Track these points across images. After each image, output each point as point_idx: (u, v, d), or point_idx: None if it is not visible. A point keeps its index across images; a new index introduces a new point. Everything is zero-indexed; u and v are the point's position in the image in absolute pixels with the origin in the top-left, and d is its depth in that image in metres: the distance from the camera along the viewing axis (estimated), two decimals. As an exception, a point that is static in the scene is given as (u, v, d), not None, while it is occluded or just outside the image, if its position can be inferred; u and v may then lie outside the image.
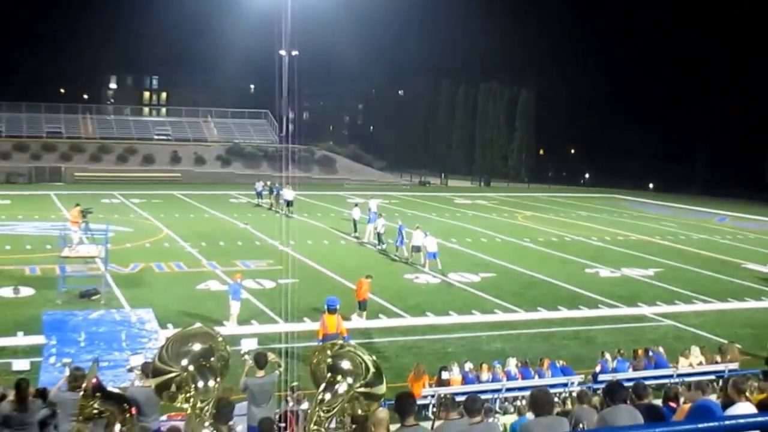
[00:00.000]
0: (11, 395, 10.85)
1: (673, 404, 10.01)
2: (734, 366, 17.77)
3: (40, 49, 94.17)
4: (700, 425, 3.79)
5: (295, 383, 13.62)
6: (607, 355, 17.94)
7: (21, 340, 19.76)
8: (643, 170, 77.53)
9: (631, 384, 9.26)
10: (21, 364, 13.17)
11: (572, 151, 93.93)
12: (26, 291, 24.71)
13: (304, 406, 12.06)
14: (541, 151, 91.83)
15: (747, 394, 8.14)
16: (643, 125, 78.43)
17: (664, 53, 77.69)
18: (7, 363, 15.04)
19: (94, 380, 9.13)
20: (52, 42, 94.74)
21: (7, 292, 24.53)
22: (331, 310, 18.90)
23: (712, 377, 16.62)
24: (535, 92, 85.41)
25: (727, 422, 3.90)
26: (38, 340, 19.48)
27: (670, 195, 67.46)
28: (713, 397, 9.52)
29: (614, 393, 7.90)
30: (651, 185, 76.66)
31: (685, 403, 9.72)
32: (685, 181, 73.31)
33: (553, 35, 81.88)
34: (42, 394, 11.40)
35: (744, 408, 7.52)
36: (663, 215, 52.71)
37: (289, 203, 45.23)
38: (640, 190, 71.62)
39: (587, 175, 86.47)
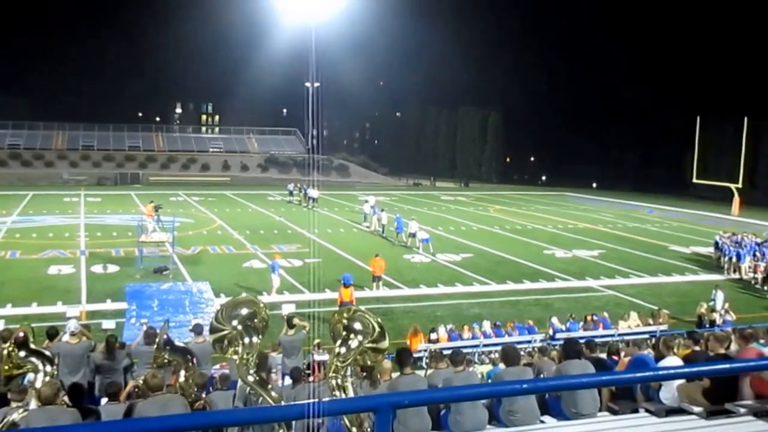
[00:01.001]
0: (101, 347, 10.79)
1: (615, 357, 9.91)
2: (664, 327, 17.67)
3: (123, 81, 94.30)
4: (636, 375, 3.68)
5: (318, 340, 13.53)
6: (554, 319, 17.85)
7: (109, 305, 19.77)
8: (587, 172, 77.44)
9: (583, 341, 9.17)
10: (109, 324, 13.13)
11: (532, 158, 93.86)
12: (112, 268, 24.73)
13: (325, 357, 11.96)
14: (508, 159, 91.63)
15: (675, 350, 8.05)
16: (587, 137, 78.34)
17: (601, 81, 77.63)
18: (98, 323, 15.01)
19: (164, 336, 9.08)
20: (133, 76, 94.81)
21: (98, 269, 24.56)
22: (347, 284, 18.88)
23: (646, 336, 16.49)
24: (501, 113, 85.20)
25: (660, 372, 3.78)
26: (122, 305, 19.45)
27: (609, 191, 67.25)
28: (647, 352, 9.41)
29: (570, 348, 7.80)
30: (594, 184, 76.47)
31: (625, 356, 9.61)
32: (620, 180, 73.16)
33: (515, 69, 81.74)
34: (124, 346, 11.34)
35: (672, 361, 7.44)
36: (603, 208, 52.49)
37: (314, 200, 45.29)
38: (585, 188, 71.39)
39: (544, 177, 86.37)
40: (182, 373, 8.64)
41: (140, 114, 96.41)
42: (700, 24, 67.54)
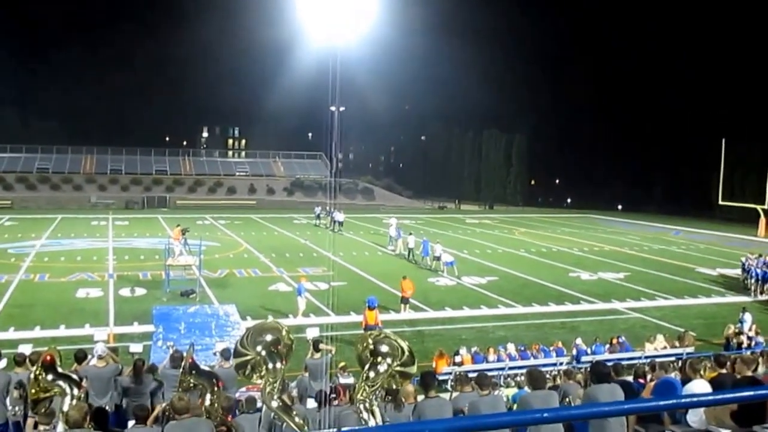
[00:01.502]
0: (129, 371, 10.87)
1: (641, 380, 9.79)
2: (690, 350, 17.44)
3: (150, 106, 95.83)
4: (662, 402, 3.65)
5: (343, 363, 13.51)
6: (579, 341, 17.68)
7: (136, 328, 19.91)
8: (613, 195, 76.78)
9: (611, 364, 9.09)
10: (136, 347, 13.19)
11: (557, 181, 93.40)
12: (140, 291, 24.94)
13: (350, 380, 11.94)
14: (533, 182, 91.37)
15: (701, 372, 7.95)
16: (612, 159, 78.13)
17: (627, 103, 77.43)
18: (126, 345, 15.12)
19: (190, 360, 9.13)
20: (160, 100, 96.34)
21: (126, 292, 24.76)
22: (372, 307, 18.88)
23: (673, 359, 16.28)
24: (527, 136, 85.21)
25: (687, 400, 3.76)
26: (149, 328, 19.62)
27: (635, 214, 66.60)
28: (674, 375, 9.30)
29: (598, 371, 7.73)
30: (620, 206, 75.81)
31: (651, 380, 9.50)
32: (647, 202, 72.46)
33: (539, 91, 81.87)
34: (152, 370, 11.41)
35: (699, 384, 7.34)
36: (629, 230, 52.02)
37: (339, 223, 45.41)
38: (611, 211, 70.85)
39: (569, 200, 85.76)
40: (208, 396, 8.69)
41: (167, 138, 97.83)
42: (726, 47, 67.27)
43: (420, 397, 8.37)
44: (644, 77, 75.28)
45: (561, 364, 16.14)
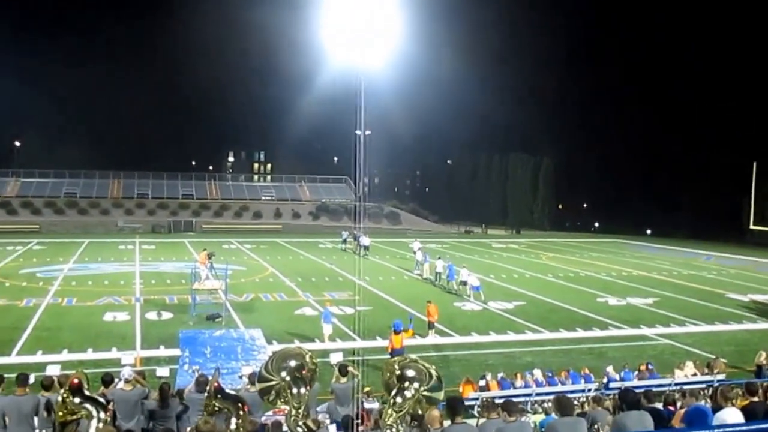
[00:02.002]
0: (155, 395, 10.96)
1: (671, 408, 9.67)
2: (721, 377, 17.13)
3: (177, 131, 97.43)
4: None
5: (368, 387, 13.49)
6: (609, 368, 17.46)
7: (162, 351, 20.07)
8: (642, 219, 75.86)
9: (641, 391, 9.00)
10: (162, 371, 13.29)
11: (584, 205, 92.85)
12: (167, 315, 25.14)
13: (375, 405, 11.90)
14: (560, 206, 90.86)
15: (733, 401, 7.85)
16: (641, 183, 77.46)
17: (656, 127, 77.05)
18: (152, 369, 15.22)
19: (215, 384, 9.19)
20: (187, 126, 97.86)
21: (152, 315, 24.99)
22: (397, 331, 18.85)
23: (703, 386, 16.01)
24: (553, 160, 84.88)
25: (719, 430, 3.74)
26: (175, 352, 19.75)
27: (664, 239, 65.92)
28: (704, 403, 9.18)
29: (627, 398, 7.65)
30: (648, 231, 74.98)
31: (681, 407, 9.38)
32: (676, 227, 71.55)
33: (567, 115, 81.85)
34: (178, 394, 11.49)
35: (731, 412, 7.25)
36: (658, 255, 51.45)
37: (365, 248, 45.50)
38: (639, 235, 70.14)
39: (597, 224, 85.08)
40: (233, 420, 8.73)
41: (194, 162, 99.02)
42: (756, 68, 66.74)
43: (446, 423, 8.34)
44: (674, 100, 74.79)
45: (589, 390, 15.95)
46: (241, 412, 8.49)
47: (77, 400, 7.49)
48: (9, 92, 74.07)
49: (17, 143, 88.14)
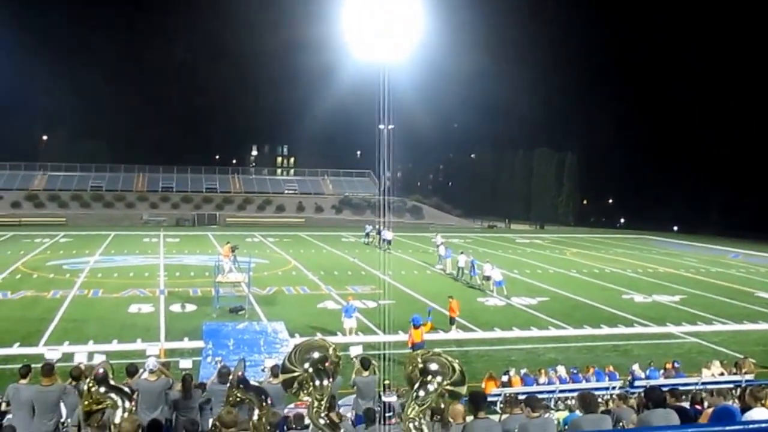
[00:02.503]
0: (179, 386, 11.05)
1: (698, 407, 9.55)
2: (750, 377, 16.90)
3: (201, 125, 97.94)
4: (727, 428, 3.56)
5: (387, 381, 13.47)
6: (635, 366, 17.30)
7: (186, 343, 20.26)
8: (669, 215, 74.87)
9: (667, 389, 8.90)
10: (185, 363, 13.38)
11: (609, 200, 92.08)
12: (190, 307, 25.35)
13: (393, 398, 11.86)
14: (585, 201, 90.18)
15: (763, 401, 7.74)
16: (668, 179, 76.51)
17: (683, 121, 76.05)
18: (176, 361, 15.35)
19: (239, 374, 9.23)
20: (210, 120, 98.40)
21: (176, 308, 25.22)
22: (416, 325, 18.88)
23: (731, 386, 15.78)
24: (578, 154, 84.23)
25: (751, 426, 3.67)
26: (199, 344, 19.91)
27: (691, 235, 65.04)
28: (732, 403, 9.06)
29: (653, 396, 7.58)
30: (675, 228, 74.10)
31: (709, 407, 9.27)
32: (704, 224, 70.67)
33: (592, 109, 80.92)
34: (201, 385, 11.58)
35: (760, 412, 7.15)
36: (685, 252, 50.87)
37: (388, 242, 45.47)
38: (666, 232, 69.28)
39: (622, 220, 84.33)
40: (255, 412, 8.77)
41: (217, 156, 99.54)
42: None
43: (469, 418, 8.32)
44: (702, 94, 73.77)
45: (613, 388, 15.82)
46: (263, 404, 8.53)
47: (102, 389, 7.57)
48: (37, 87, 75.23)
49: (45, 137, 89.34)
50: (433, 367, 5.36)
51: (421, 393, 5.28)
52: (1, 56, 64.35)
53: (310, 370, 5.35)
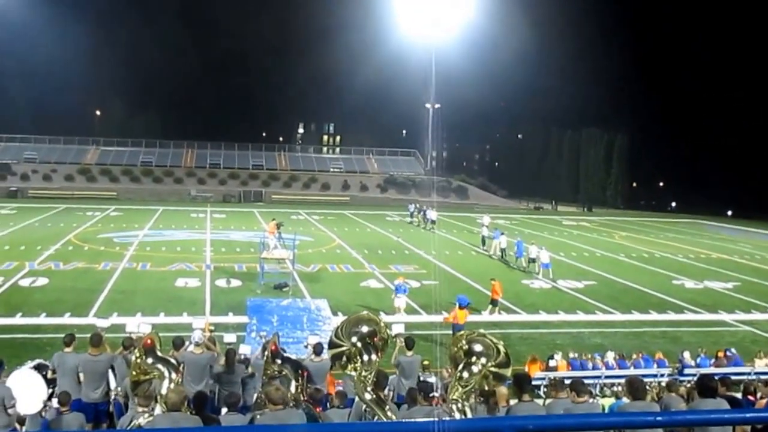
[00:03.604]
0: (222, 360, 11.18)
1: (751, 398, 9.29)
2: (807, 369, 16.39)
3: (248, 102, 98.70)
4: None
5: (426, 361, 13.41)
6: (686, 354, 16.94)
7: (231, 318, 20.51)
8: (723, 199, 72.90)
9: (718, 378, 8.67)
10: (230, 337, 13.52)
11: (660, 183, 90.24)
12: (235, 282, 25.64)
13: (431, 379, 11.79)
14: (634, 184, 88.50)
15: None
16: (721, 161, 74.50)
17: (738, 101, 73.85)
18: (220, 335, 15.54)
19: (273, 347, 9.27)
20: (258, 98, 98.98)
21: (222, 283, 25.54)
22: (462, 306, 18.74)
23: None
24: (628, 135, 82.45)
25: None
26: (243, 319, 20.17)
27: (746, 220, 63.38)
28: (788, 393, 8.79)
29: (704, 385, 7.37)
30: (729, 212, 72.19)
31: (762, 397, 9.01)
32: (760, 208, 68.66)
33: (643, 89, 79.29)
34: (244, 360, 11.70)
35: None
36: (740, 238, 49.59)
37: (432, 222, 45.34)
38: (719, 216, 67.60)
39: (673, 204, 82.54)
40: (293, 384, 8.83)
41: (264, 134, 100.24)
42: None
43: (513, 401, 8.24)
44: (759, 72, 71.47)
45: (662, 376, 15.54)
46: (300, 378, 8.57)
47: (150, 360, 7.69)
48: (92, 63, 76.56)
49: (98, 112, 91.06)
50: (478, 348, 5.30)
51: (465, 374, 5.21)
52: (61, 32, 65.73)
53: (359, 344, 5.32)
